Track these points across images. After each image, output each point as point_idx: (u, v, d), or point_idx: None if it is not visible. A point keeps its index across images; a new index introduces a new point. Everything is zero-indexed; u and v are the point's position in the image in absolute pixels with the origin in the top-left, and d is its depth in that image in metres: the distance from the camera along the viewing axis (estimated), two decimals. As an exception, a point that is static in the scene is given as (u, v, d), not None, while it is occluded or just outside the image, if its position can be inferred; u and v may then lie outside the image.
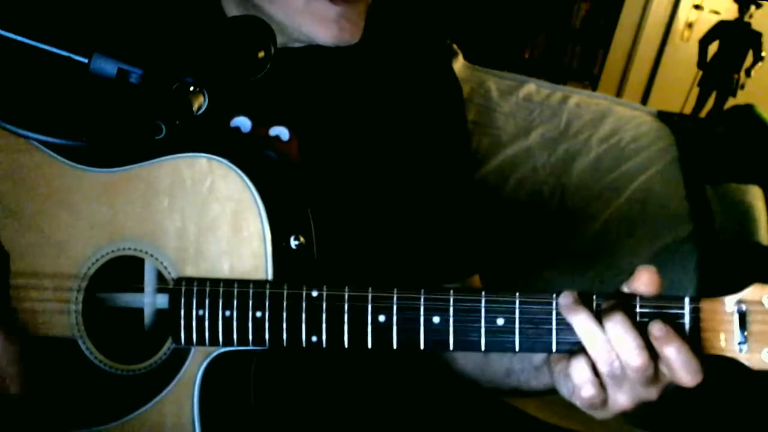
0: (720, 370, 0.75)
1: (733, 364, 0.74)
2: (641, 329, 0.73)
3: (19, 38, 0.71)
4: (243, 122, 0.97)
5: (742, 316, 0.73)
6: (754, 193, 1.66)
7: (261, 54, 0.79)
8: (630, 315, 0.73)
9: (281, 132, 0.98)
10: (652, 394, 0.76)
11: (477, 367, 1.02)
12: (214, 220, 0.84)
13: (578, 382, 0.75)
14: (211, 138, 0.87)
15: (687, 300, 0.74)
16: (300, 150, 0.97)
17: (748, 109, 1.84)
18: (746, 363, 0.73)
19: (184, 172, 0.85)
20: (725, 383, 0.84)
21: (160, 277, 0.88)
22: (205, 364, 0.85)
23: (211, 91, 0.74)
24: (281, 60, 0.98)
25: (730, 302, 0.74)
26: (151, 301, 0.89)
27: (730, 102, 3.56)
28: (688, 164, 1.68)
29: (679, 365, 0.72)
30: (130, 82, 0.73)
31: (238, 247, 0.84)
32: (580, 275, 1.61)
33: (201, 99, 0.74)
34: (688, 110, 3.91)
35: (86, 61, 0.72)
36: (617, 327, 0.72)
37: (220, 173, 0.84)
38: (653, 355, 0.73)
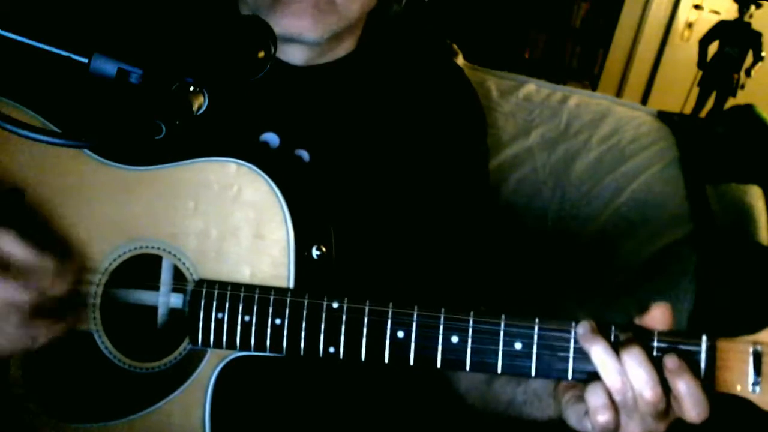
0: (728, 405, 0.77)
1: (745, 402, 0.76)
2: (657, 364, 0.74)
3: (19, 38, 0.71)
4: (272, 138, 0.98)
5: (757, 357, 0.74)
6: (754, 193, 1.66)
7: (261, 54, 0.79)
8: (646, 349, 0.75)
9: (303, 154, 0.99)
10: (660, 427, 0.77)
11: (478, 394, 1.02)
12: (238, 225, 0.85)
13: (594, 406, 0.76)
14: (240, 148, 0.88)
15: (704, 338, 0.76)
16: (320, 172, 0.99)
17: (748, 109, 1.84)
18: (758, 404, 0.75)
19: (212, 176, 0.86)
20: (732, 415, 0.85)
21: (177, 276, 0.88)
22: (219, 367, 0.86)
23: (211, 91, 0.74)
24: (308, 77, 0.99)
25: (746, 342, 0.75)
26: (165, 300, 0.90)
27: (730, 102, 3.56)
28: (688, 164, 1.68)
29: (688, 400, 0.74)
30: (130, 82, 0.73)
31: (260, 253, 0.85)
32: (579, 276, 1.61)
33: (201, 99, 0.74)
34: (688, 110, 3.90)
35: (86, 61, 0.72)
36: (633, 360, 0.74)
37: (249, 179, 0.85)
38: (666, 390, 0.74)
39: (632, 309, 1.55)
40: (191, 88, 0.73)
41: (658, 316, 0.77)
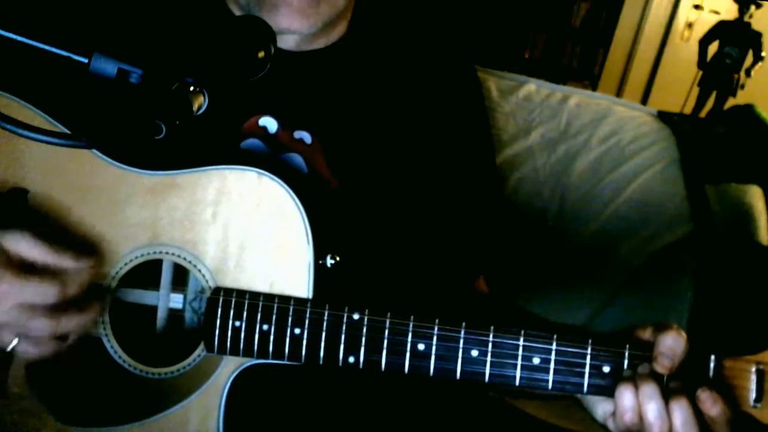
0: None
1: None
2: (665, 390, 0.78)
3: (19, 38, 0.71)
4: (270, 122, 0.98)
5: (760, 376, 0.79)
6: (754, 193, 1.66)
7: (261, 54, 0.79)
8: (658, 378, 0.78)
9: (304, 136, 0.99)
10: None
11: None
12: (258, 234, 0.85)
13: (623, 406, 0.80)
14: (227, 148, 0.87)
15: (713, 357, 0.80)
16: (322, 153, 0.99)
17: (748, 109, 1.84)
18: (759, 418, 0.79)
19: (232, 185, 0.85)
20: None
21: (176, 278, 0.88)
22: (234, 374, 0.86)
23: (211, 91, 0.74)
24: (303, 62, 1.00)
25: (750, 362, 0.80)
26: (165, 304, 0.90)
27: (730, 102, 3.55)
28: (688, 164, 1.68)
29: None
30: (130, 82, 0.73)
31: (280, 263, 0.85)
32: (579, 275, 1.61)
33: (201, 99, 0.74)
34: (688, 110, 3.89)
35: (86, 61, 0.72)
36: (651, 402, 0.78)
37: (269, 189, 0.85)
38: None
39: (632, 308, 1.55)
40: (191, 88, 0.73)
41: (668, 346, 0.79)
